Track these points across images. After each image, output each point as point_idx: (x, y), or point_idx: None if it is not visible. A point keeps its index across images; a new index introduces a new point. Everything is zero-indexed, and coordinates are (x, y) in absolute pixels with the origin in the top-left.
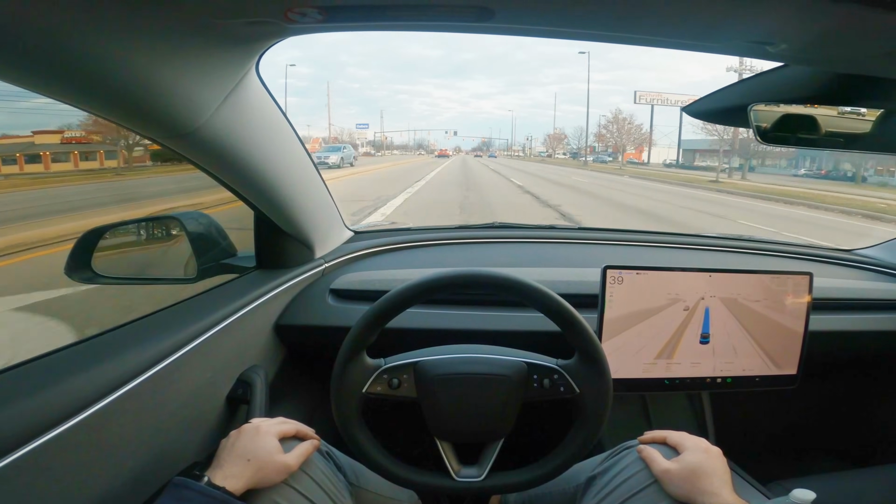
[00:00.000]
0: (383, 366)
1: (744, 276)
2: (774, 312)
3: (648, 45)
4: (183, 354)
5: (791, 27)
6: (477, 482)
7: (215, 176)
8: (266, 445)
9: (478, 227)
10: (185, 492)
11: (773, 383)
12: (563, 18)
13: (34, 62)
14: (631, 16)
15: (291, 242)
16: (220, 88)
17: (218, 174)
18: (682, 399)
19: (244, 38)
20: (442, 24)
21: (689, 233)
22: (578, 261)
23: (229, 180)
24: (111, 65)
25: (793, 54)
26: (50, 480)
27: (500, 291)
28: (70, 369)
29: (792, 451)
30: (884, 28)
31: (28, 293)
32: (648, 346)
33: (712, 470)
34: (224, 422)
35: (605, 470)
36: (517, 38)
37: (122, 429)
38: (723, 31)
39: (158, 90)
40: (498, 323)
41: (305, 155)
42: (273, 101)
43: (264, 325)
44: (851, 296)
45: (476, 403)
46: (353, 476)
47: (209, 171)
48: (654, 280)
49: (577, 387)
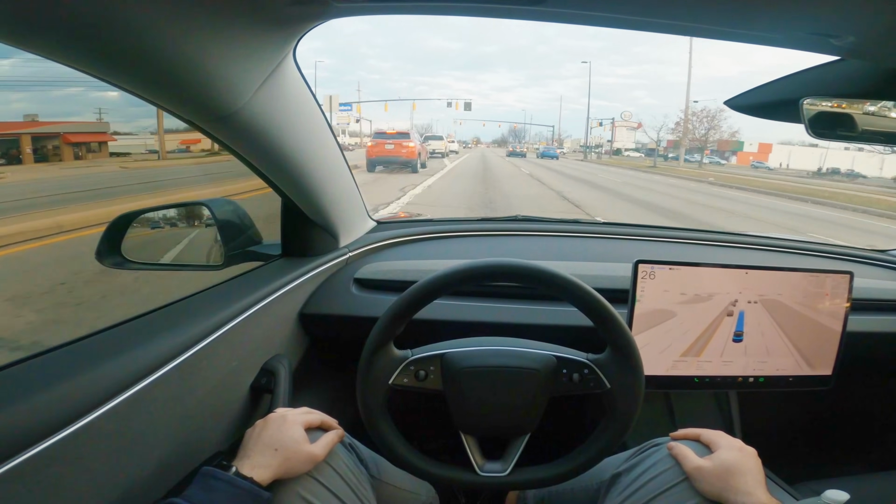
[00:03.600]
0: (410, 357)
1: (781, 274)
2: (811, 312)
3: (703, 35)
4: (211, 342)
5: (860, 20)
6: (501, 477)
7: (247, 161)
8: (293, 435)
9: (501, 220)
10: (212, 482)
11: (807, 384)
12: (617, 4)
13: (83, 42)
14: (690, 3)
15: (317, 231)
16: (260, 71)
17: (251, 159)
18: (708, 397)
19: (287, 19)
20: (491, 7)
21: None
22: (605, 255)
23: (261, 165)
24: (162, 45)
25: (857, 48)
26: (80, 469)
27: (532, 283)
28: (101, 356)
29: (821, 453)
30: None
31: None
32: (678, 343)
33: (747, 469)
34: (248, 411)
35: (631, 467)
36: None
37: (151, 416)
38: (785, 22)
39: (202, 71)
40: (526, 316)
41: (335, 143)
42: (308, 88)
43: (289, 313)
44: (889, 297)
45: (503, 397)
46: (375, 469)
47: (242, 155)
48: (687, 276)
49: (608, 382)
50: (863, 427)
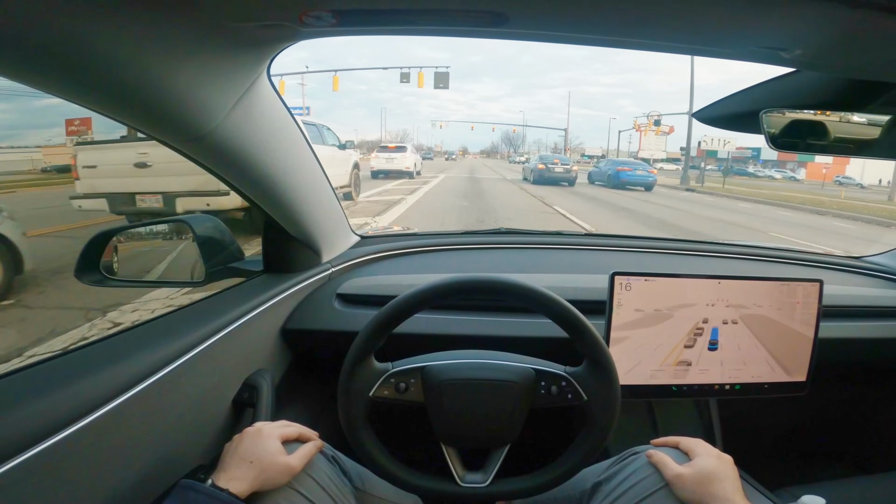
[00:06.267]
0: (391, 370)
1: (753, 284)
2: (784, 320)
3: (661, 50)
4: (190, 358)
5: (806, 33)
6: (482, 488)
7: (225, 179)
8: (268, 447)
9: (483, 233)
10: (191, 494)
11: (782, 390)
12: (576, 24)
13: (51, 64)
14: (643, 21)
15: (299, 247)
16: (233, 92)
17: (228, 177)
18: (690, 406)
19: (258, 41)
20: (456, 28)
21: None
22: (586, 267)
23: (239, 184)
24: (127, 67)
25: (807, 60)
26: (59, 482)
27: (508, 297)
28: (79, 372)
29: (799, 458)
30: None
31: None
32: (656, 353)
33: (725, 476)
34: (230, 426)
35: (611, 476)
36: (523, 41)
37: (131, 431)
38: (736, 38)
39: (173, 93)
40: (506, 329)
41: (314, 159)
42: (283, 105)
43: (271, 329)
44: (861, 303)
45: (483, 409)
46: (359, 481)
47: (220, 174)
48: (662, 287)
49: (585, 394)
50: (840, 433)
